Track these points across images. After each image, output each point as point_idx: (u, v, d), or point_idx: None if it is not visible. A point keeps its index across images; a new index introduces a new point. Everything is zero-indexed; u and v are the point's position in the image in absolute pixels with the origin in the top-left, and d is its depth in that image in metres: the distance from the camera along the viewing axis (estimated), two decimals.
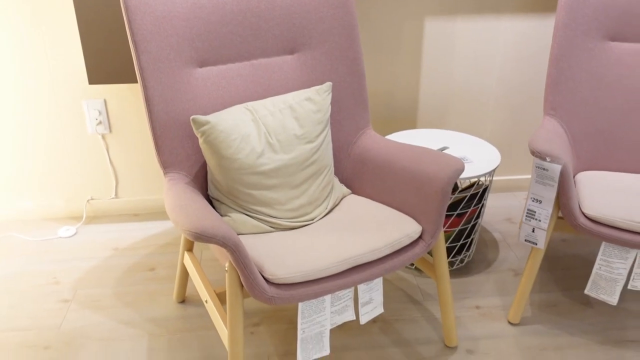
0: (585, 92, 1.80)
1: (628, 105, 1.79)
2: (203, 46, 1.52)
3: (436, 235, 1.42)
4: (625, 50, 1.80)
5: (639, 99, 1.78)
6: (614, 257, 1.53)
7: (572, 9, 1.76)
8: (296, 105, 1.52)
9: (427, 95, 2.24)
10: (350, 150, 1.70)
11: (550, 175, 1.49)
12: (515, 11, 2.13)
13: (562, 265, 1.98)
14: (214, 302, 1.43)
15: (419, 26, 2.12)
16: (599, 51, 1.79)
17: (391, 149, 1.59)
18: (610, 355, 1.58)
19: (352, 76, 1.68)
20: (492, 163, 1.81)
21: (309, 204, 1.52)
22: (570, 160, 1.73)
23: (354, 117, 1.70)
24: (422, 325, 1.70)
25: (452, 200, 1.81)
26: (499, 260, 2.01)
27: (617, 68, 1.80)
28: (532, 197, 1.55)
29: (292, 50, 1.65)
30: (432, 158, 1.46)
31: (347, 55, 1.67)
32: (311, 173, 1.52)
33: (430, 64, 2.19)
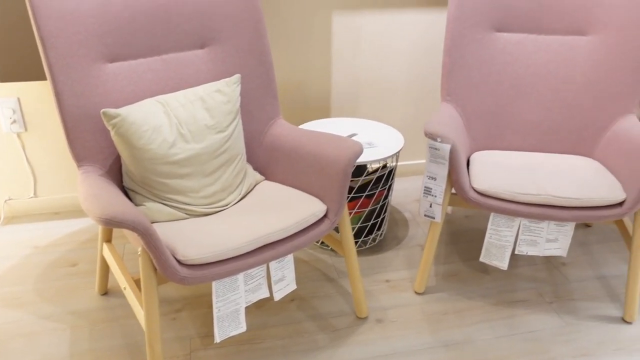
0: (477, 78, 1.97)
1: (514, 90, 1.98)
2: (113, 42, 1.57)
3: (339, 212, 1.54)
4: (509, 40, 1.98)
5: (523, 84, 1.98)
6: (501, 226, 1.70)
7: (461, 3, 1.93)
8: (207, 97, 1.60)
9: (339, 85, 2.36)
10: (262, 139, 1.79)
11: (442, 154, 1.64)
12: (417, 5, 2.29)
13: (465, 238, 2.16)
14: (132, 289, 1.49)
15: (328, 19, 2.23)
16: (486, 41, 1.97)
17: (299, 136, 1.70)
18: (503, 314, 1.76)
19: (261, 68, 1.77)
20: (397, 146, 1.96)
21: (223, 191, 1.61)
22: (464, 141, 1.90)
23: (265, 107, 1.80)
24: (336, 300, 1.82)
25: (361, 182, 1.94)
26: (409, 237, 2.16)
27: (503, 56, 1.98)
28: (428, 175, 1.70)
29: (203, 44, 1.73)
30: (335, 143, 1.58)
31: (255, 48, 1.75)
32: (223, 161, 1.60)
33: (341, 56, 2.31)
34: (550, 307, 1.80)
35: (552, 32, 1.96)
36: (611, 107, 1.91)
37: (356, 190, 1.94)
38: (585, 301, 1.83)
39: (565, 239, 1.70)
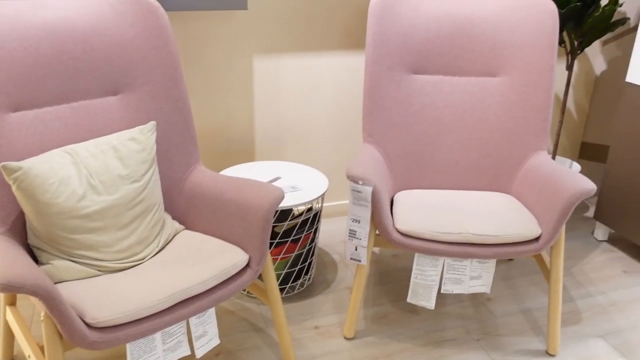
0: (397, 119, 2.01)
1: (433, 130, 2.03)
2: (15, 90, 1.48)
3: (262, 261, 1.50)
4: (426, 82, 2.04)
5: (441, 124, 2.03)
6: (426, 266, 1.71)
7: (378, 47, 1.97)
8: (120, 145, 1.53)
9: (262, 128, 2.34)
10: (181, 187, 1.72)
11: (364, 196, 1.64)
12: (337, 48, 2.33)
13: (393, 278, 2.16)
14: (37, 357, 1.36)
15: (249, 63, 2.22)
16: (404, 83, 2.02)
17: (220, 183, 1.65)
18: (432, 355, 1.75)
19: (178, 114, 1.72)
20: (321, 189, 1.94)
21: (139, 244, 1.52)
22: (387, 182, 1.91)
23: (184, 154, 1.74)
24: (264, 352, 1.75)
25: (287, 227, 1.91)
26: (338, 279, 2.14)
27: (421, 97, 2.03)
28: (352, 217, 1.69)
29: (115, 91, 1.66)
30: (256, 189, 1.54)
31: (172, 94, 1.71)
32: (139, 212, 1.53)
33: (263, 99, 2.30)
34: (478, 345, 1.81)
35: (465, 74, 2.04)
36: (523, 144, 1.99)
37: (281, 235, 1.90)
38: (511, 336, 1.85)
39: (488, 276, 1.72)
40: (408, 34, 2.00)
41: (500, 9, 1.99)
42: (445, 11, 2.01)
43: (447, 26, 2.01)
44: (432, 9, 2.01)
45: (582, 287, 2.13)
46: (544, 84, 1.96)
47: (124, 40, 1.64)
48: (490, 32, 2.00)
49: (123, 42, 1.64)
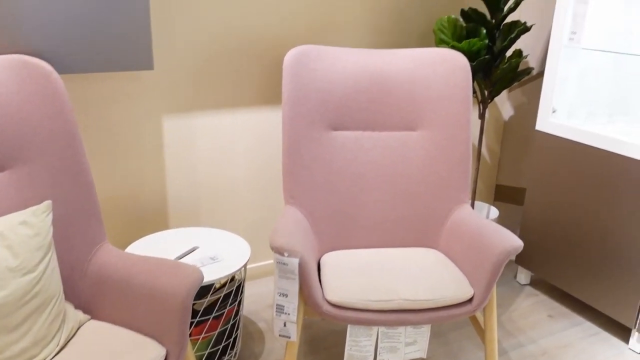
0: (319, 178, 1.93)
1: (356, 187, 1.97)
2: None
3: (182, 355, 1.33)
4: (347, 138, 1.98)
5: (364, 181, 1.97)
6: (360, 336, 1.61)
7: (295, 104, 1.90)
8: (8, 231, 1.33)
9: (176, 193, 2.18)
10: (85, 270, 1.53)
11: (291, 269, 1.53)
12: (252, 104, 2.23)
13: (326, 344, 2.04)
14: None
15: (158, 124, 2.08)
16: (324, 140, 1.95)
17: (129, 264, 1.48)
18: None
19: (79, 189, 1.54)
20: (243, 258, 1.81)
21: (35, 345, 1.31)
22: (312, 245, 1.81)
23: (86, 233, 1.55)
24: None
25: (207, 303, 1.75)
26: (266, 351, 1.99)
27: (343, 154, 1.97)
28: (279, 292, 1.57)
29: (2, 167, 1.46)
30: (171, 271, 1.39)
31: (71, 167, 1.53)
32: (34, 308, 1.32)
33: (175, 161, 2.15)
34: None
35: (386, 128, 2.01)
36: (447, 198, 1.97)
37: (202, 312, 1.74)
38: None
39: (424, 340, 1.65)
40: (325, 90, 1.94)
41: (415, 64, 1.99)
42: (362, 66, 1.98)
43: (365, 81, 1.98)
44: (349, 65, 1.98)
45: (513, 337, 2.12)
46: (462, 136, 1.96)
47: (10, 110, 1.46)
48: (407, 87, 1.99)
49: (9, 112, 1.45)
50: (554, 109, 2.22)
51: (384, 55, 2.02)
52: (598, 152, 2.06)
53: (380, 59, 2.02)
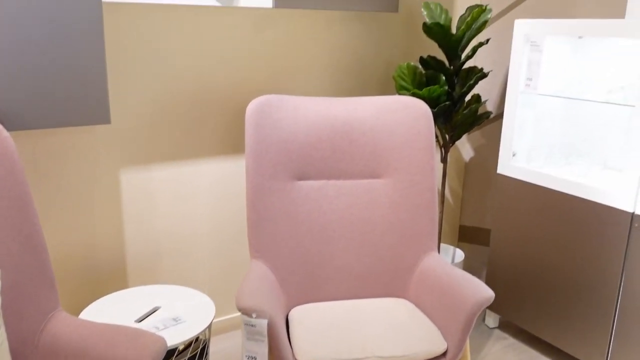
0: (284, 230, 1.88)
1: (323, 238, 1.93)
2: None
3: None
4: (311, 187, 1.95)
5: (330, 231, 1.94)
6: None
7: (259, 155, 1.86)
8: None
9: (135, 249, 2.09)
10: (37, 342, 1.42)
11: (259, 330, 1.46)
12: (213, 154, 2.18)
13: None
14: None
15: (115, 178, 2.00)
16: (289, 191, 1.91)
17: (85, 333, 1.38)
18: None
19: (30, 254, 1.45)
20: (207, 317, 1.73)
21: None
22: (280, 301, 1.75)
23: (38, 302, 1.45)
24: None
25: None
26: None
27: (308, 204, 1.93)
28: (247, 355, 1.50)
29: None
30: (129, 340, 1.30)
31: (21, 231, 1.44)
32: None
33: (134, 216, 2.07)
34: None
35: (350, 176, 1.99)
36: (414, 246, 1.95)
37: None
38: None
39: None
40: (289, 139, 1.92)
41: (377, 112, 2.00)
42: (324, 116, 1.97)
43: (328, 130, 1.96)
44: (311, 114, 1.96)
45: None
46: (427, 183, 1.96)
47: None
48: (369, 135, 1.98)
49: None
50: (514, 152, 2.26)
51: (346, 103, 2.02)
52: (558, 194, 2.09)
53: (343, 107, 2.01)
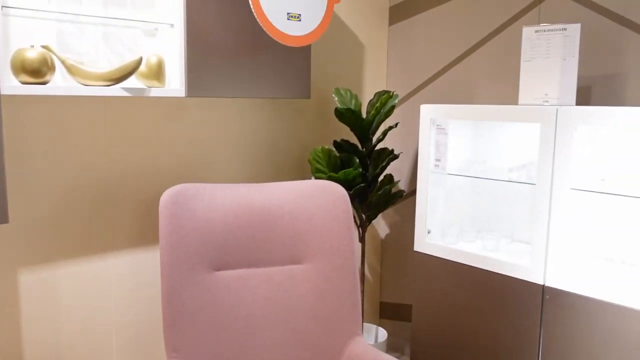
0: (203, 325, 1.78)
1: (245, 330, 1.84)
2: None
3: None
4: (231, 278, 1.88)
5: (253, 321, 1.86)
6: None
7: (174, 248, 1.78)
8: None
9: (34, 357, 1.88)
10: None
11: None
12: (123, 248, 2.06)
13: None
14: None
15: (12, 280, 1.82)
16: (208, 283, 1.83)
17: None
18: None
19: None
20: None
21: None
22: None
23: None
24: None
25: None
26: None
27: (228, 295, 1.85)
28: None
29: None
30: None
31: None
32: None
33: (33, 321, 1.87)
34: None
35: (270, 264, 1.94)
36: (339, 332, 1.91)
37: None
38: None
39: None
40: (205, 229, 1.86)
41: (295, 197, 1.99)
42: (242, 202, 1.94)
43: (246, 217, 1.93)
44: (228, 202, 1.92)
45: None
46: (349, 266, 1.95)
47: None
48: (288, 220, 1.96)
49: None
50: (428, 230, 2.32)
51: (264, 188, 2.00)
52: (473, 269, 2.15)
53: (260, 193, 1.99)
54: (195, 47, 1.93)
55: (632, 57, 2.03)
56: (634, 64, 2.03)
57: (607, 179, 1.98)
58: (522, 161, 2.14)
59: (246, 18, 2.03)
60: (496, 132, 2.36)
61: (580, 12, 2.15)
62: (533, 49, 2.02)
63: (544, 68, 2.00)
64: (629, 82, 2.05)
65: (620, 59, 2.07)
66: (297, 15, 2.04)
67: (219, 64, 1.99)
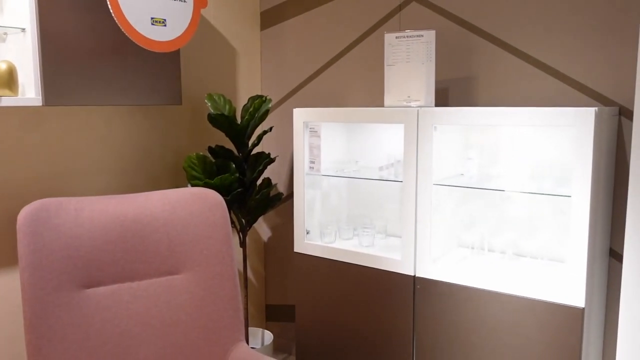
0: (75, 349, 1.68)
1: (120, 349, 1.76)
2: None
3: None
4: (102, 295, 1.79)
5: (128, 339, 1.78)
6: None
7: (36, 268, 1.66)
8: None
9: None
10: None
11: None
12: None
13: None
14: None
15: None
16: (76, 302, 1.73)
17: None
18: None
19: None
20: None
21: None
22: None
23: None
24: None
25: None
26: None
27: (100, 314, 1.76)
28: None
29: None
30: None
31: None
32: None
33: None
34: None
35: (145, 276, 1.87)
36: (221, 339, 1.89)
37: None
38: None
39: None
40: (72, 246, 1.75)
41: (170, 206, 1.94)
42: (112, 214, 1.85)
43: (116, 230, 1.84)
44: (96, 215, 1.83)
45: None
46: (228, 273, 1.94)
47: None
48: (162, 230, 1.91)
49: None
50: (307, 230, 2.37)
51: (135, 199, 1.93)
52: (351, 266, 2.23)
53: (132, 204, 1.91)
54: (50, 53, 1.81)
55: (481, 61, 2.22)
56: (483, 67, 2.22)
57: (467, 174, 2.15)
58: (391, 160, 2.26)
59: (107, 22, 1.94)
60: (366, 133, 2.47)
61: (436, 20, 2.32)
62: (395, 54, 2.14)
63: (406, 72, 2.12)
64: (479, 84, 2.24)
65: (471, 63, 2.25)
66: (161, 20, 1.99)
67: (79, 70, 1.89)
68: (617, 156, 1.99)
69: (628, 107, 1.94)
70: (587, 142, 1.69)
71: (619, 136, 1.98)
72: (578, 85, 2.03)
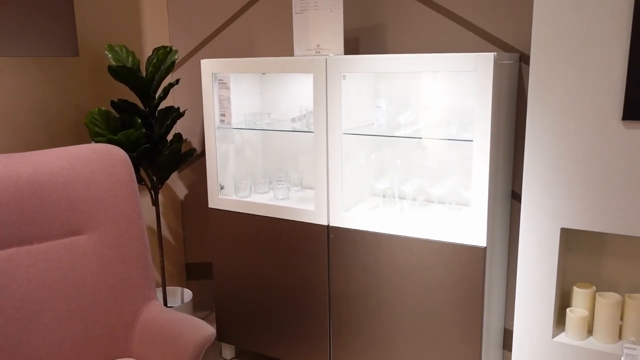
0: None
1: (21, 315, 1.68)
2: None
3: None
4: None
5: (30, 304, 1.70)
6: None
7: None
8: None
9: None
10: None
11: None
12: None
13: None
14: None
15: None
16: None
17: None
18: None
19: None
20: None
21: None
22: None
23: None
24: None
25: None
26: None
27: None
28: None
29: None
30: None
31: None
32: None
33: None
34: None
35: (45, 239, 1.78)
36: (132, 299, 1.84)
37: None
38: None
39: None
40: None
41: (70, 164, 1.83)
42: (4, 175, 1.73)
43: (10, 191, 1.72)
44: None
45: None
46: (135, 231, 1.87)
47: None
48: (62, 190, 1.81)
49: None
50: (221, 185, 2.33)
51: (30, 158, 1.81)
52: (267, 219, 2.22)
53: (27, 163, 1.79)
54: None
55: (390, 9, 2.21)
56: (391, 16, 2.21)
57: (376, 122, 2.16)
58: (303, 111, 2.23)
59: None
60: (279, 85, 2.42)
61: None
62: (303, 1, 2.09)
63: (314, 20, 2.08)
64: (388, 32, 2.23)
65: (380, 11, 2.24)
66: None
67: None
68: (519, 102, 2.06)
69: (528, 54, 2.01)
70: (486, 86, 1.73)
71: (519, 82, 2.04)
72: (482, 33, 2.06)
